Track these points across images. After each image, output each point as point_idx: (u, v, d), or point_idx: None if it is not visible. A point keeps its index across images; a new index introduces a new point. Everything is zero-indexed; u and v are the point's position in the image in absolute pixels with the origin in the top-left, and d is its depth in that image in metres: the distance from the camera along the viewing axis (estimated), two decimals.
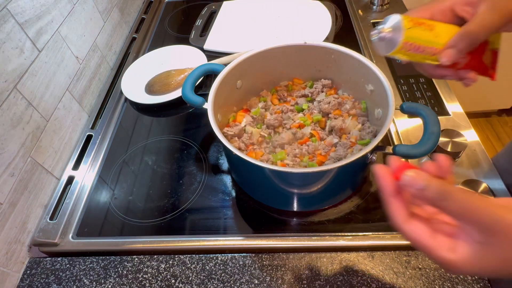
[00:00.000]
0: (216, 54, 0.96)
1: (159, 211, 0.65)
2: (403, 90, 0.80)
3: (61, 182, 0.71)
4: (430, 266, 0.54)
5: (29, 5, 0.65)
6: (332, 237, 0.59)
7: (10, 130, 0.59)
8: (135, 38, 1.07)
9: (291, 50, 0.68)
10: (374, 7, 1.07)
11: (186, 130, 0.79)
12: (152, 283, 0.56)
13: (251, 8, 1.11)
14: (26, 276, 0.59)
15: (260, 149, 0.64)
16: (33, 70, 0.65)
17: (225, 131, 0.65)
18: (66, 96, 0.75)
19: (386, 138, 0.72)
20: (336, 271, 0.55)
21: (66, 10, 0.77)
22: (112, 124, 0.82)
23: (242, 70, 0.67)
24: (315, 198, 0.61)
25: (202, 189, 0.68)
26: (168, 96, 0.85)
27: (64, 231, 0.64)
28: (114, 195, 0.69)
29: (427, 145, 0.50)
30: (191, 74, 0.66)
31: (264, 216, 0.63)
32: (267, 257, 0.57)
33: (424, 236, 0.31)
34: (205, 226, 0.62)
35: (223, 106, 0.66)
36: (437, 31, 0.37)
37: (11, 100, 0.59)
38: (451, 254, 0.30)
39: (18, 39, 0.62)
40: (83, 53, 0.83)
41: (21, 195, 0.61)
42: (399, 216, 0.31)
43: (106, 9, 0.94)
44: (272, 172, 0.53)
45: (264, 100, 0.72)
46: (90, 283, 0.57)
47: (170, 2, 1.22)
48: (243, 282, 0.55)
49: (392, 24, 0.37)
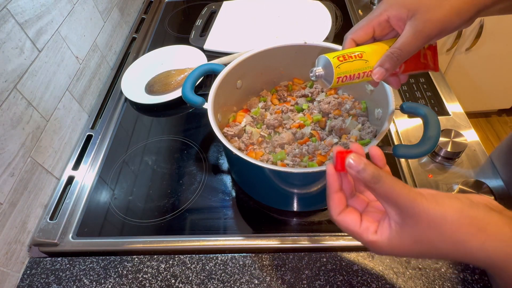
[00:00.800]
0: (216, 54, 0.96)
1: (159, 211, 0.65)
2: (403, 90, 0.80)
3: (61, 182, 0.71)
4: (430, 266, 0.54)
5: (29, 5, 0.65)
6: (332, 237, 0.59)
7: (10, 130, 0.59)
8: (135, 38, 1.07)
9: (291, 50, 0.68)
10: (374, 7, 1.07)
11: (186, 130, 0.79)
12: (152, 283, 0.56)
13: (251, 8, 1.11)
14: (26, 276, 0.59)
15: (260, 149, 0.64)
16: (33, 70, 0.65)
17: (225, 131, 0.65)
18: (66, 96, 0.75)
19: (386, 138, 0.72)
20: (336, 271, 0.55)
21: (66, 10, 0.77)
22: (112, 124, 0.82)
23: (242, 70, 0.67)
24: (315, 198, 0.61)
25: (202, 189, 0.68)
26: (168, 96, 0.85)
27: (64, 231, 0.64)
28: (114, 195, 0.69)
29: (427, 145, 0.50)
30: (191, 74, 0.66)
31: (264, 216, 0.63)
32: (267, 257, 0.57)
33: (353, 224, 0.36)
34: (205, 226, 0.62)
35: (223, 106, 0.66)
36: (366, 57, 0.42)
37: (11, 100, 0.59)
38: (374, 236, 0.34)
39: (18, 39, 0.62)
40: (83, 53, 0.83)
41: (21, 195, 0.61)
42: (335, 210, 0.37)
43: (106, 9, 0.94)
44: (272, 172, 0.53)
45: (264, 100, 0.72)
46: (90, 283, 0.57)
47: (170, 2, 1.22)
48: (243, 282, 0.55)
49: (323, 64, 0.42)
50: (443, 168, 0.65)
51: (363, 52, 0.42)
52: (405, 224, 0.32)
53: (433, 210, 0.31)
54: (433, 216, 0.31)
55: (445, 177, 0.63)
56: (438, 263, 0.54)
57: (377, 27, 0.43)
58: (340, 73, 0.41)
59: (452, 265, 0.54)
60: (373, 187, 0.33)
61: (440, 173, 0.64)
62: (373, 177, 0.33)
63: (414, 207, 0.31)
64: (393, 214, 0.33)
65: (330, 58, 0.42)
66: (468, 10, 0.38)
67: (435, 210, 0.31)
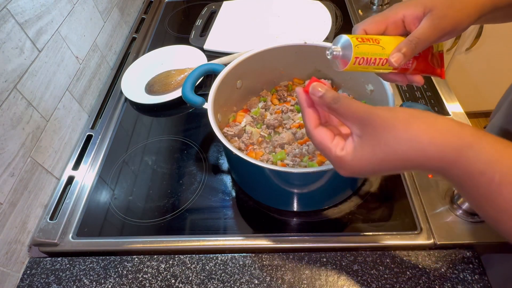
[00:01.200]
0: (216, 54, 0.96)
1: (159, 211, 0.65)
2: (403, 90, 0.80)
3: (61, 182, 0.71)
4: (430, 266, 0.54)
5: (29, 5, 0.65)
6: (332, 237, 0.59)
7: (10, 130, 0.59)
8: (135, 38, 1.07)
9: (291, 50, 0.68)
10: (374, 7, 1.07)
11: (186, 130, 0.79)
12: (152, 283, 0.56)
13: (251, 8, 1.10)
14: (26, 276, 0.59)
15: (260, 149, 0.64)
16: (33, 70, 0.65)
17: (225, 131, 0.65)
18: (66, 96, 0.75)
19: None
20: (336, 271, 0.55)
21: (66, 10, 0.77)
22: (112, 124, 0.82)
23: (242, 70, 0.67)
24: (315, 198, 0.61)
25: (202, 189, 0.68)
26: (168, 96, 0.85)
27: (64, 231, 0.64)
28: (114, 195, 0.69)
29: None
30: (191, 74, 0.66)
31: (264, 216, 0.63)
32: (267, 257, 0.57)
33: (326, 139, 0.38)
34: (205, 226, 0.62)
35: (223, 106, 0.66)
36: (382, 44, 0.42)
37: (11, 100, 0.59)
38: (341, 152, 0.37)
39: (18, 39, 0.62)
40: (83, 53, 0.83)
41: (21, 195, 0.61)
42: (310, 123, 0.40)
43: (106, 9, 0.94)
44: (272, 172, 0.53)
45: (264, 100, 0.72)
46: (90, 283, 0.57)
47: (170, 2, 1.22)
48: (243, 282, 0.55)
49: (342, 44, 0.42)
50: None
51: (380, 39, 0.42)
52: (364, 133, 0.35)
53: (387, 114, 0.35)
54: (387, 119, 0.34)
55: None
56: (438, 263, 0.54)
57: (391, 24, 0.44)
58: (358, 53, 0.41)
59: (452, 265, 0.54)
60: (334, 107, 0.37)
61: None
62: (333, 98, 0.37)
63: (370, 116, 0.35)
64: (354, 129, 0.36)
65: (349, 37, 0.41)
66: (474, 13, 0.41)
67: (388, 114, 0.34)
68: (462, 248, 0.56)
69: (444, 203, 0.60)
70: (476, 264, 0.54)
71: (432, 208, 0.60)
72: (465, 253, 0.55)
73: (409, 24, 0.43)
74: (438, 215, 0.59)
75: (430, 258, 0.55)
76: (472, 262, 0.54)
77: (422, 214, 0.59)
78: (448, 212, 0.59)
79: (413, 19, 0.42)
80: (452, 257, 0.55)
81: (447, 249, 0.56)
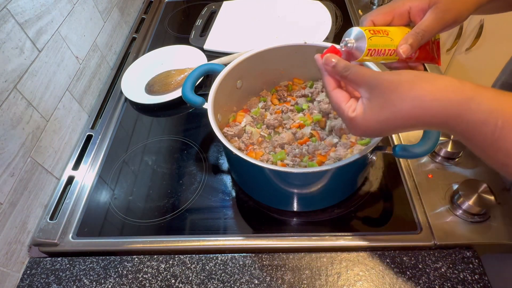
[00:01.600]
0: (216, 54, 0.96)
1: (159, 211, 0.65)
2: None
3: (61, 182, 0.71)
4: (430, 266, 0.54)
5: (29, 5, 0.65)
6: (332, 237, 0.59)
7: (10, 130, 0.59)
8: (135, 38, 1.07)
9: (291, 50, 0.68)
10: (374, 7, 1.07)
11: (186, 130, 0.79)
12: (152, 283, 0.56)
13: (251, 8, 1.11)
14: (26, 276, 0.59)
15: (260, 149, 0.64)
16: (33, 70, 0.65)
17: (225, 131, 0.65)
18: (66, 96, 0.75)
19: (386, 138, 0.72)
20: (336, 271, 0.55)
21: (66, 10, 0.77)
22: (112, 124, 0.82)
23: (242, 70, 0.67)
24: (315, 198, 0.61)
25: (202, 189, 0.68)
26: (168, 96, 0.85)
27: (64, 231, 0.64)
28: (114, 195, 0.69)
29: (427, 145, 0.50)
30: (191, 74, 0.66)
31: (264, 216, 0.63)
32: (267, 257, 0.57)
33: (342, 99, 0.42)
34: (205, 226, 0.62)
35: (223, 106, 0.66)
36: (391, 36, 0.44)
37: (11, 100, 0.59)
38: (352, 113, 0.40)
39: (18, 39, 0.62)
40: (83, 53, 0.83)
41: (21, 195, 0.61)
42: (330, 85, 0.43)
43: (106, 9, 0.94)
44: (272, 172, 0.53)
45: (264, 100, 0.72)
46: (90, 283, 0.57)
47: (170, 2, 1.22)
48: (243, 282, 0.55)
49: (355, 36, 0.44)
50: (443, 168, 0.65)
51: (388, 31, 0.44)
52: (373, 96, 0.38)
53: (393, 77, 0.37)
54: (392, 81, 0.37)
55: (445, 177, 0.63)
56: (438, 263, 0.54)
57: (398, 16, 0.46)
58: (371, 45, 0.43)
59: (452, 265, 0.54)
60: (345, 75, 0.40)
61: (440, 173, 0.64)
62: (344, 67, 0.41)
63: (377, 80, 0.38)
64: (363, 93, 0.39)
65: (363, 29, 0.43)
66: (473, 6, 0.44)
67: (394, 77, 0.37)
68: (462, 248, 0.56)
69: (444, 203, 0.60)
70: (476, 264, 0.54)
71: (432, 208, 0.60)
72: (465, 253, 0.55)
73: (414, 15, 0.45)
74: (438, 215, 0.59)
75: (430, 258, 0.55)
76: (472, 262, 0.54)
77: (422, 214, 0.59)
78: (448, 212, 0.59)
79: (418, 11, 0.45)
80: (452, 257, 0.55)
81: (447, 249, 0.56)
